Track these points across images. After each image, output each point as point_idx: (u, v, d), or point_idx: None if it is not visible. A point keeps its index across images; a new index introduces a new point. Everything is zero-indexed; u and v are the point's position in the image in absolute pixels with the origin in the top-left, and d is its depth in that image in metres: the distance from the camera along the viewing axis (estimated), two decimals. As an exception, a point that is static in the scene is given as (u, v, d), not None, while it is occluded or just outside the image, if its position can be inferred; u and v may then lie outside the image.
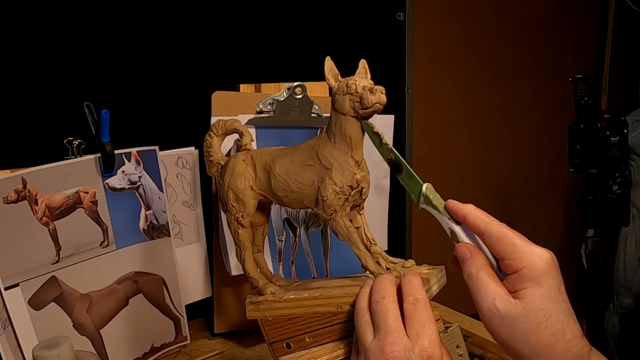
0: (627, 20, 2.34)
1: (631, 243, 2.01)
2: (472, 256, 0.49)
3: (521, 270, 0.46)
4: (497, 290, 0.47)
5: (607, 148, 1.65)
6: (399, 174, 0.56)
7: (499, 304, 0.46)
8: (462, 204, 0.51)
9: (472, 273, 0.48)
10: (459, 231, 0.52)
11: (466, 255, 0.50)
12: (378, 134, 0.57)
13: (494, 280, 0.48)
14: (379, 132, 0.57)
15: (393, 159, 0.56)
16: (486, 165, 2.24)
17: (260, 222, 0.68)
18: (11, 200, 0.67)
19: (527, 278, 0.46)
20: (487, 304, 0.47)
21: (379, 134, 0.57)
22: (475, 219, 0.50)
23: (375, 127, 0.57)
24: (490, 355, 0.82)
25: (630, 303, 2.03)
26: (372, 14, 1.12)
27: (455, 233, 0.52)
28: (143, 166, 0.81)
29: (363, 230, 0.63)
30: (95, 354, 0.75)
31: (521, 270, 0.46)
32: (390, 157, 0.56)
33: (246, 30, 0.99)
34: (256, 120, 0.86)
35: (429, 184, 0.54)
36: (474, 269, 0.48)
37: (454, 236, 0.52)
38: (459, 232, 0.52)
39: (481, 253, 0.50)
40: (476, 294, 0.48)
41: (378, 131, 0.57)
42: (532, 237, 0.50)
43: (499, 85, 2.19)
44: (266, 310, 0.62)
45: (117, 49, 0.88)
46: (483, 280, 0.47)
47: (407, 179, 0.55)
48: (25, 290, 0.69)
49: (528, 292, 0.46)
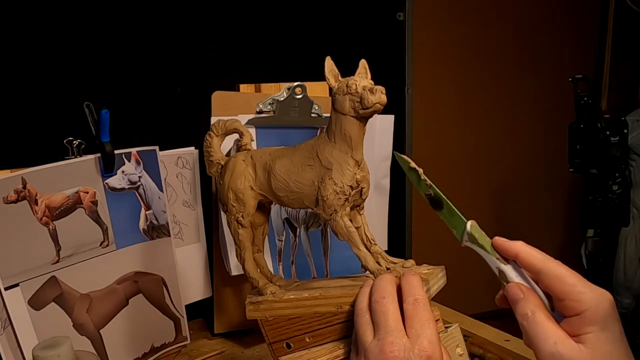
0: (627, 20, 2.34)
1: (631, 243, 2.01)
2: (526, 297, 0.47)
3: (584, 312, 0.44)
4: (558, 334, 0.45)
5: (607, 148, 1.65)
6: (438, 210, 0.54)
7: (561, 348, 0.44)
8: (511, 242, 0.49)
9: (527, 315, 0.46)
10: (509, 270, 0.49)
11: (519, 296, 0.47)
12: (415, 169, 0.55)
13: (553, 323, 0.46)
14: (416, 168, 0.55)
15: (432, 195, 0.54)
16: (486, 165, 2.25)
17: (260, 222, 0.68)
18: (11, 200, 0.67)
19: (591, 321, 0.44)
20: (548, 348, 0.44)
21: (417, 169, 0.55)
22: (529, 257, 0.48)
23: (412, 162, 0.55)
24: (490, 355, 0.82)
25: (630, 303, 2.03)
26: (372, 14, 1.12)
27: (504, 273, 0.49)
28: (143, 166, 0.81)
29: (363, 230, 0.63)
30: (95, 354, 0.75)
31: (584, 313, 0.44)
32: (429, 193, 0.54)
33: (246, 31, 0.99)
34: (256, 120, 0.86)
35: (473, 221, 0.52)
36: (529, 310, 0.46)
37: (503, 275, 0.49)
38: (508, 272, 0.49)
39: (535, 293, 0.48)
40: (534, 337, 0.45)
41: (415, 167, 0.55)
42: (532, 237, 0.50)
43: (499, 85, 2.20)
44: (266, 310, 0.62)
45: (117, 49, 0.88)
46: (541, 323, 0.45)
47: (448, 216, 0.53)
48: (25, 290, 0.69)
49: (592, 336, 0.44)
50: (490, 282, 0.59)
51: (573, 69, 1.85)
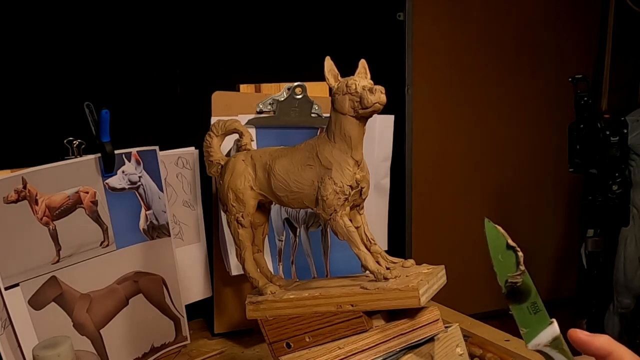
0: (627, 20, 2.34)
1: (631, 243, 2.01)
2: None
3: None
4: None
5: (607, 148, 1.65)
6: (517, 303, 0.45)
7: None
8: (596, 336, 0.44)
9: None
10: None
11: None
12: (515, 250, 0.45)
13: None
14: (516, 248, 0.45)
15: (519, 284, 0.44)
16: (486, 165, 2.25)
17: (260, 222, 0.68)
18: (11, 200, 0.67)
19: None
20: None
21: (516, 249, 0.45)
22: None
23: (509, 239, 0.45)
24: (490, 355, 0.82)
25: (630, 303, 2.03)
26: (372, 14, 1.12)
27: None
28: (143, 166, 0.81)
29: (363, 230, 0.63)
30: (95, 354, 0.75)
31: None
32: (515, 281, 0.44)
33: (246, 31, 0.99)
34: (256, 120, 0.86)
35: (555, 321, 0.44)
36: None
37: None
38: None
39: None
40: None
41: (515, 246, 0.45)
42: (532, 237, 0.49)
43: (499, 85, 2.20)
44: (266, 310, 0.62)
45: (117, 49, 0.88)
46: None
47: (526, 311, 0.45)
48: (25, 290, 0.69)
49: None
50: (490, 282, 0.59)
51: (573, 69, 1.85)
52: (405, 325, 0.59)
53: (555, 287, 2.38)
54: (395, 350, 0.59)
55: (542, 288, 2.25)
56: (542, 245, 2.29)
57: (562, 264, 2.41)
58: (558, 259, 2.40)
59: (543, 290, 2.25)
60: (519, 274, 0.44)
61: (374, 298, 0.57)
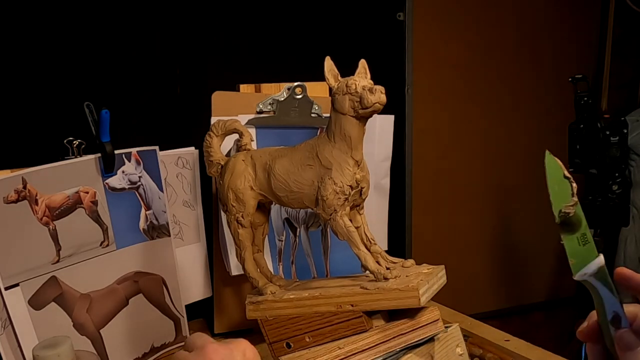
0: (627, 20, 2.34)
1: (631, 243, 2.01)
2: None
3: None
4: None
5: (607, 148, 1.65)
6: (569, 233, 0.47)
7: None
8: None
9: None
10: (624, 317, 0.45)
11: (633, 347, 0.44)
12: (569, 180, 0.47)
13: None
14: (570, 179, 0.47)
15: (571, 214, 0.46)
16: (486, 165, 2.24)
17: (260, 222, 0.68)
18: (11, 200, 0.67)
19: None
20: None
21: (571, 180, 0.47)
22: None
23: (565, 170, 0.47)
24: (490, 355, 0.82)
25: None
26: (372, 14, 1.12)
27: (619, 317, 0.46)
28: (143, 166, 0.81)
29: (363, 230, 0.63)
30: (95, 354, 0.75)
31: None
32: (568, 212, 0.46)
33: (246, 31, 0.99)
34: (256, 120, 0.86)
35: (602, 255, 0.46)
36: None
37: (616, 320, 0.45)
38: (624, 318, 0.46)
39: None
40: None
41: (570, 177, 0.47)
42: (532, 237, 0.49)
43: (499, 85, 2.20)
44: (266, 310, 0.62)
45: (117, 49, 0.88)
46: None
47: (577, 242, 0.47)
48: (25, 290, 0.69)
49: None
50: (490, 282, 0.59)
51: (573, 69, 1.85)
52: (405, 325, 0.59)
53: (555, 287, 2.38)
54: (395, 350, 0.59)
55: (542, 288, 2.25)
56: (542, 245, 2.28)
57: (562, 264, 2.40)
58: (558, 259, 2.40)
59: (543, 290, 2.25)
60: (572, 205, 0.46)
61: (374, 298, 0.57)
